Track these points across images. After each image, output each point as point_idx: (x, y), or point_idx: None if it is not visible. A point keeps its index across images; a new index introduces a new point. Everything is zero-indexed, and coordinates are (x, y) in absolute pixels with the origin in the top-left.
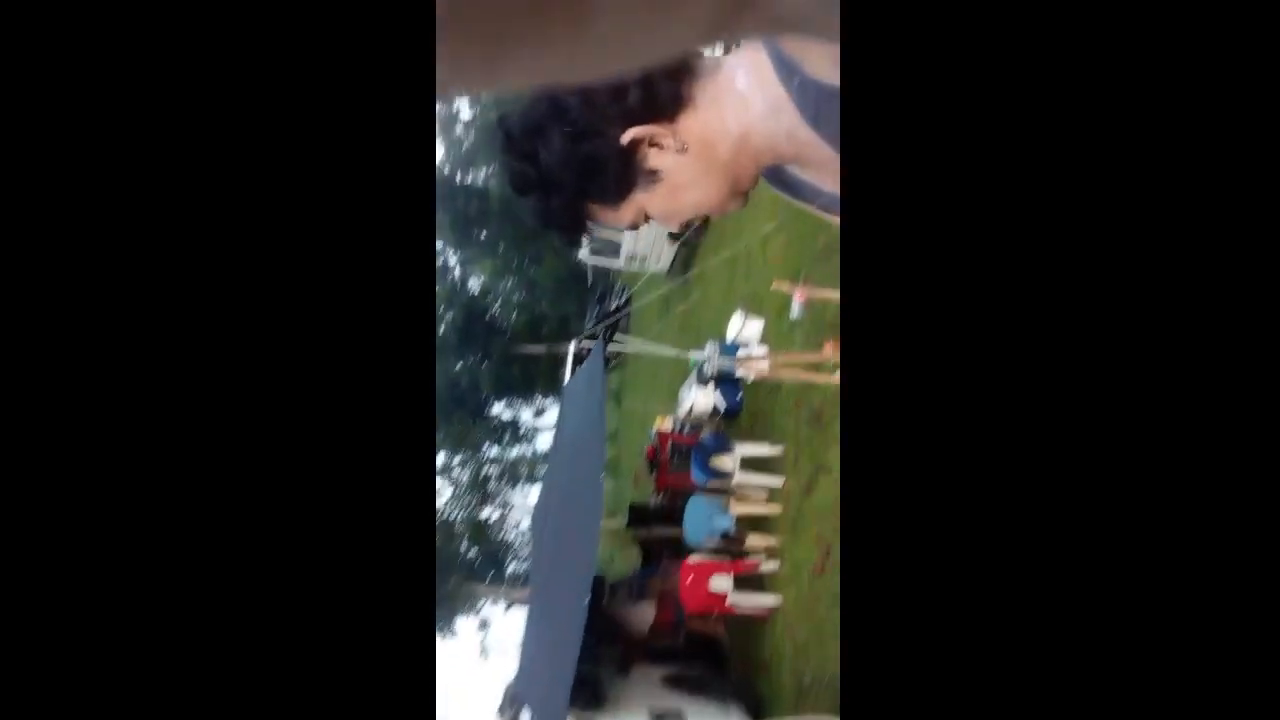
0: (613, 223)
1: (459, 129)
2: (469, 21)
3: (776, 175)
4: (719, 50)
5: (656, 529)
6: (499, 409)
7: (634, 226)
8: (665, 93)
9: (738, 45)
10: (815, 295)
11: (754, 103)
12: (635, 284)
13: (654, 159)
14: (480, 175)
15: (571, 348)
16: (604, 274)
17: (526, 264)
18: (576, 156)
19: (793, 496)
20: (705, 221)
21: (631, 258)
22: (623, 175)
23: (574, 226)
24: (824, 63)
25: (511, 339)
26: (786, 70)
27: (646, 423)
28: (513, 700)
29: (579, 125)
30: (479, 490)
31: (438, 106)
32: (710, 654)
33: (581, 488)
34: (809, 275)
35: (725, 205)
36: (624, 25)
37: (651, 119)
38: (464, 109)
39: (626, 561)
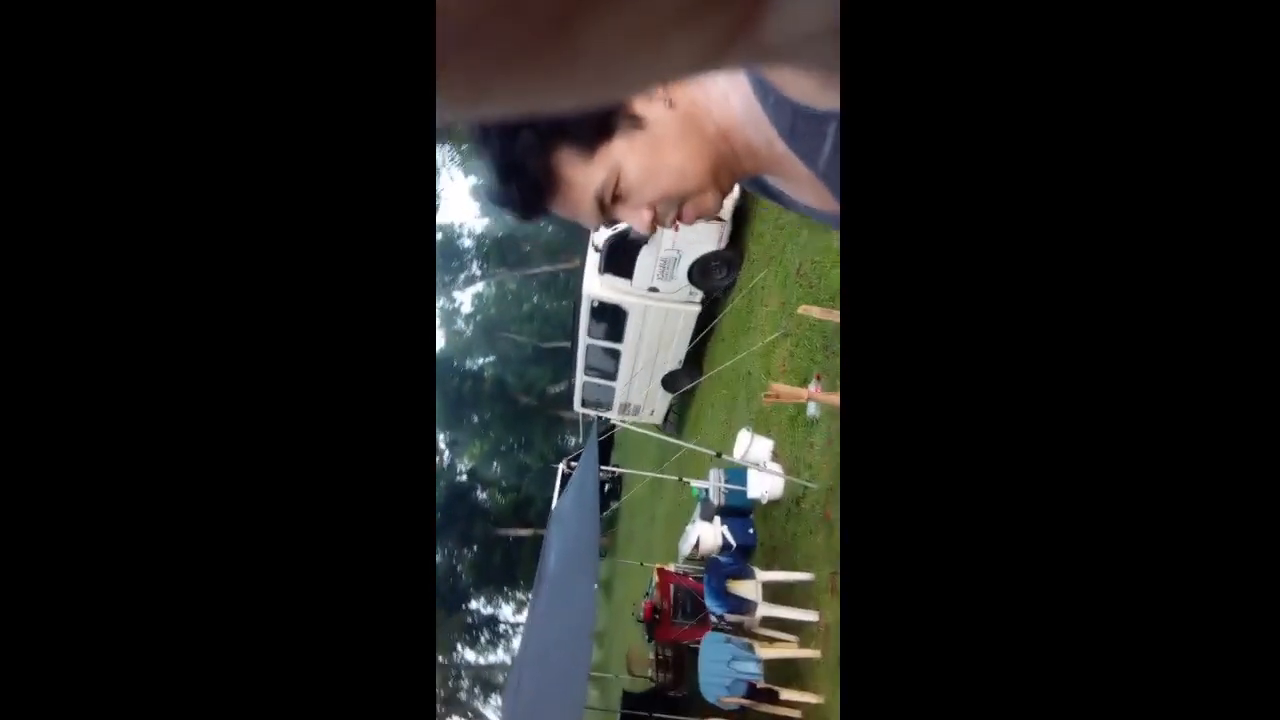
0: (580, 190)
1: (459, 322)
2: (460, 48)
3: (759, 184)
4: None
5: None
6: (477, 604)
7: (603, 214)
8: None
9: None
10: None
11: (734, 106)
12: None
13: (640, 105)
14: (478, 362)
15: (561, 469)
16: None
17: (516, 448)
18: None
19: (832, 636)
20: (699, 370)
21: (625, 407)
22: (603, 114)
23: (535, 186)
24: (801, 85)
25: (496, 522)
26: (762, 90)
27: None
28: None
29: None
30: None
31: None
32: None
33: (571, 605)
34: (822, 376)
35: (704, 191)
36: (616, 56)
37: None
38: (465, 303)
39: None
